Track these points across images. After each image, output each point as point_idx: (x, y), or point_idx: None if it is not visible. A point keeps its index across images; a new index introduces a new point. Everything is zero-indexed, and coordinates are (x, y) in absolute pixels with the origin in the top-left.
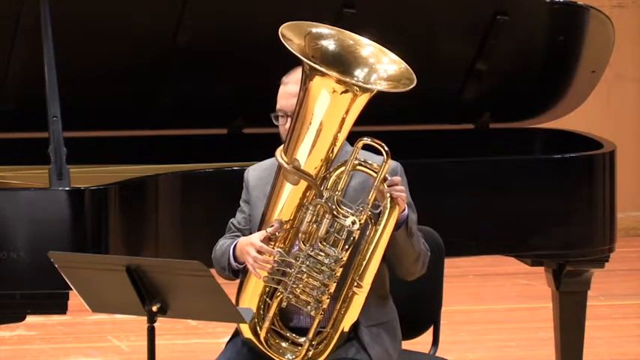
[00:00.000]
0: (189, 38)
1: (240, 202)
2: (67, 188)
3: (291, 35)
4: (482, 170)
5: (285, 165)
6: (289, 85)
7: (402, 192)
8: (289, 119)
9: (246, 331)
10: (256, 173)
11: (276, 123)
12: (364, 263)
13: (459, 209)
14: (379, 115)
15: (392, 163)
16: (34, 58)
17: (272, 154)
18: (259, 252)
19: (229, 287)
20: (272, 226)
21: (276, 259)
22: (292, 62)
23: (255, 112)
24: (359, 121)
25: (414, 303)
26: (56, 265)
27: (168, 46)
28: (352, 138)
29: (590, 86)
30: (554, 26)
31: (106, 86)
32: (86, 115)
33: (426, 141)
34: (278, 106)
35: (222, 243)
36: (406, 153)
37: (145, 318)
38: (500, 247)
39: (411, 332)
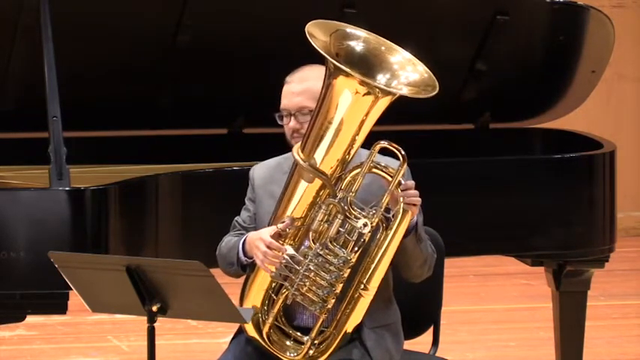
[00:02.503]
0: (189, 38)
1: (246, 201)
2: (67, 188)
3: (317, 33)
4: (482, 170)
5: (302, 162)
6: (292, 84)
7: (415, 196)
8: (292, 118)
9: (250, 330)
10: (262, 171)
11: (280, 122)
12: (372, 267)
13: (459, 209)
14: (379, 116)
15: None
16: (34, 58)
17: (272, 154)
18: (269, 247)
19: (230, 287)
20: (283, 222)
21: (285, 255)
22: (293, 62)
23: (256, 112)
24: None
25: (414, 303)
26: (56, 265)
27: (168, 46)
28: None
29: (590, 86)
30: (554, 26)
31: (106, 86)
32: (86, 115)
33: (426, 141)
34: (282, 106)
35: (229, 240)
36: (406, 153)
37: (145, 318)
38: (501, 247)
39: (411, 332)
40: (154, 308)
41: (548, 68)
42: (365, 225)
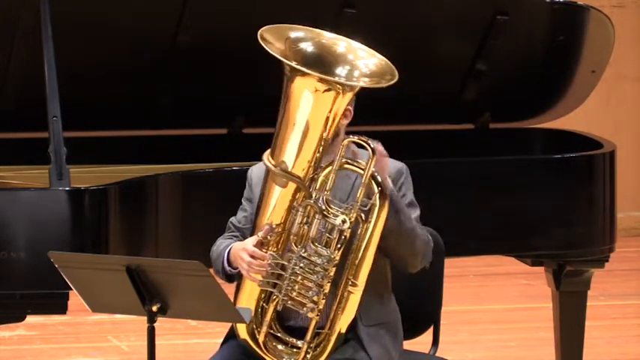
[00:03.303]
0: (189, 38)
1: (243, 201)
2: (67, 188)
3: (272, 39)
4: (482, 170)
5: (273, 168)
6: None
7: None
8: None
9: (242, 332)
10: (259, 171)
11: None
12: (357, 262)
13: (459, 209)
14: (379, 115)
15: (397, 164)
16: (34, 58)
17: None
18: (252, 257)
19: (229, 287)
20: (263, 230)
21: (269, 262)
22: None
23: (255, 112)
24: (359, 121)
25: (414, 303)
26: (56, 265)
27: (168, 46)
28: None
29: (590, 86)
30: (554, 26)
31: (106, 86)
32: (86, 115)
33: (426, 141)
34: None
35: (220, 243)
36: (406, 153)
37: (145, 318)
38: (501, 247)
39: (411, 332)
40: (154, 308)
41: (548, 68)
42: (344, 221)
